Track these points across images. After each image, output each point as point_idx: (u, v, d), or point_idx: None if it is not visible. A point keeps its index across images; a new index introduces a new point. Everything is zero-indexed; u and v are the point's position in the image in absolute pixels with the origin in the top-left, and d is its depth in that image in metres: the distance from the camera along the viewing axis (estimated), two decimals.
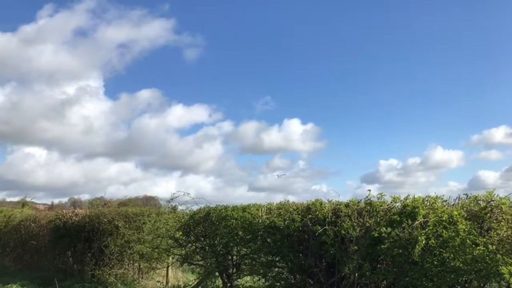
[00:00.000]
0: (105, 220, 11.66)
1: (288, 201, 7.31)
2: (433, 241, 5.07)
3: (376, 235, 5.51)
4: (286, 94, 72.81)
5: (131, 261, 11.71)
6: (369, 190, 6.19)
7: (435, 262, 5.03)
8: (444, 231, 5.04)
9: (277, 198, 8.53)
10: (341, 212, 6.13)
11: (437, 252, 5.08)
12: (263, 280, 7.59)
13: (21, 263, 14.51)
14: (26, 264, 14.25)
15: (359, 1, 66.78)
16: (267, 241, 6.84)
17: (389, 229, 5.41)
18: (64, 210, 14.84)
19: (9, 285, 10.86)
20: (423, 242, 5.03)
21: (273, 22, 66.41)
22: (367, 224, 5.89)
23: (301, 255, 6.67)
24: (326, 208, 6.35)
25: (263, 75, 71.67)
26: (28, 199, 32.18)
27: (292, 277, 6.90)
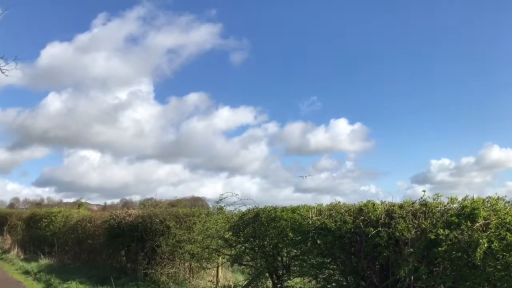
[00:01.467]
0: (157, 220, 11.95)
1: (338, 202, 7.19)
2: (496, 244, 4.82)
3: (432, 237, 5.31)
4: (333, 94, 72.10)
5: (182, 261, 11.93)
6: (424, 191, 5.99)
7: (498, 267, 4.78)
8: (508, 234, 4.78)
9: (324, 200, 8.47)
10: (395, 213, 5.96)
11: (500, 256, 4.82)
12: (313, 282, 7.53)
13: (79, 261, 15.17)
14: (84, 262, 14.88)
15: (412, 2, 64.94)
16: (317, 242, 6.76)
17: (446, 231, 5.21)
18: (118, 211, 15.36)
19: (69, 282, 11.39)
20: (485, 245, 4.80)
21: (318, 24, 66.00)
22: (423, 226, 5.68)
23: (353, 257, 6.55)
24: (379, 209, 6.19)
25: (309, 75, 71.37)
26: (83, 200, 33.70)
27: (344, 279, 6.79)
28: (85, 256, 15.20)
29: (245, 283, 9.32)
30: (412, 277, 5.63)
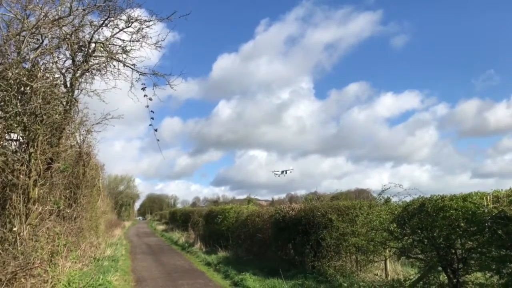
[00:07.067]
0: (319, 213, 12.09)
1: None
2: None
3: None
4: None
5: (348, 254, 11.81)
6: None
7: None
8: None
9: (508, 185, 7.43)
10: None
11: None
12: (496, 277, 6.69)
13: (251, 253, 16.24)
14: (255, 255, 15.89)
15: None
16: (497, 233, 5.98)
17: None
18: (282, 205, 16.02)
19: (243, 273, 12.28)
20: None
21: None
22: None
23: None
24: None
25: (482, 48, 63.97)
26: (252, 197, 36.14)
27: None
28: (256, 249, 16.20)
29: (416, 277, 8.76)
30: None
